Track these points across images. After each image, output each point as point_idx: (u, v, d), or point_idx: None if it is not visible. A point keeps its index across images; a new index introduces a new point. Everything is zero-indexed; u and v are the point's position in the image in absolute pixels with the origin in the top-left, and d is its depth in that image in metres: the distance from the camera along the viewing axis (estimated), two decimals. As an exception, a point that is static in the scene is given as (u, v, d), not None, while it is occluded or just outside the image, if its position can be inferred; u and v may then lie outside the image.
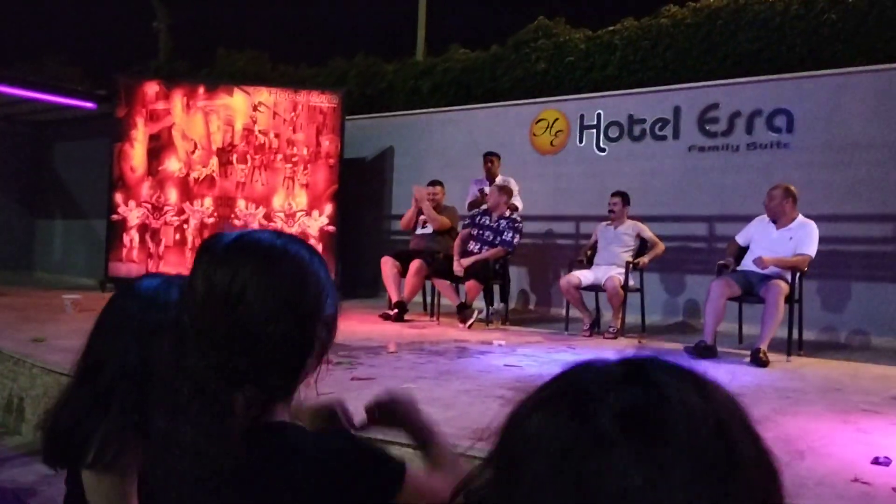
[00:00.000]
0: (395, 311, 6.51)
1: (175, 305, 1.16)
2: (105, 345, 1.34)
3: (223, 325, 0.91)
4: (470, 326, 6.28)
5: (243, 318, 0.91)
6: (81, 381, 1.34)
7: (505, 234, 6.61)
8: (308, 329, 0.96)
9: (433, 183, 7.23)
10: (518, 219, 6.73)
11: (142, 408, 1.20)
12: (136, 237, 8.43)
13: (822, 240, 5.38)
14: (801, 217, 5.42)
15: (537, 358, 4.88)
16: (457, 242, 6.72)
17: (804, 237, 5.29)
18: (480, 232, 6.73)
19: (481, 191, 7.30)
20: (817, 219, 5.47)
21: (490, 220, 6.74)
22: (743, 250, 5.56)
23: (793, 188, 5.44)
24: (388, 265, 6.80)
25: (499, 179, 7.29)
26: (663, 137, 7.30)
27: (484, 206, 6.91)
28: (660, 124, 7.32)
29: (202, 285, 0.93)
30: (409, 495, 0.97)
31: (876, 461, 2.59)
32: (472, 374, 4.20)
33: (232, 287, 0.92)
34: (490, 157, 7.46)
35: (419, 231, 7.16)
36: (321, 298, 0.98)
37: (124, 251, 8.41)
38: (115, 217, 8.44)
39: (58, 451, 1.35)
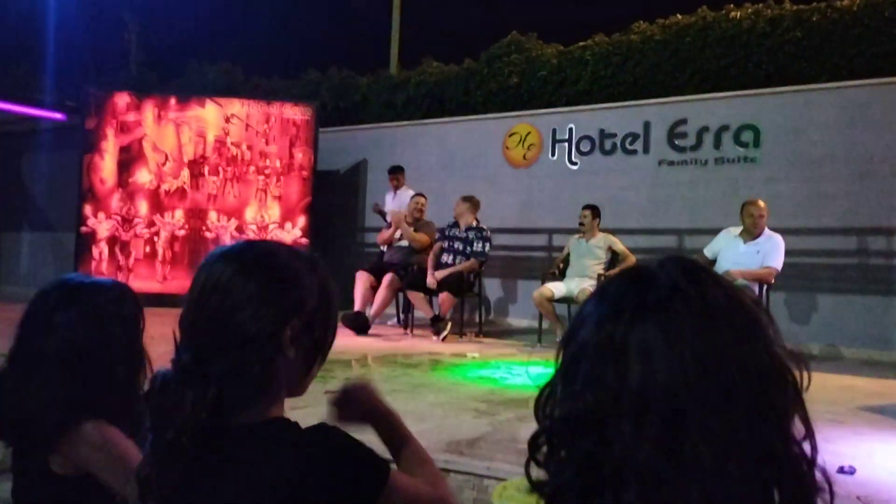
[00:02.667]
0: (355, 318, 6.49)
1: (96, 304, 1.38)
2: (34, 330, 1.42)
3: (196, 316, 0.98)
4: (444, 339, 6.29)
5: (223, 307, 0.97)
6: (14, 361, 1.42)
7: (475, 244, 6.65)
8: (280, 327, 0.98)
9: (417, 195, 7.29)
10: (485, 228, 6.77)
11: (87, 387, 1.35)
12: (106, 249, 8.33)
13: (788, 252, 5.49)
14: (767, 230, 5.54)
15: (510, 370, 4.90)
16: (430, 257, 6.73)
17: (771, 250, 5.41)
18: (451, 243, 6.76)
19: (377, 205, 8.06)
20: (784, 232, 5.59)
21: (458, 231, 6.78)
22: (711, 263, 5.64)
23: (763, 203, 5.59)
24: (361, 279, 6.79)
25: (405, 192, 7.75)
26: (634, 152, 7.41)
27: (453, 220, 6.93)
28: (630, 139, 7.42)
29: (193, 286, 1.01)
30: (392, 495, 0.98)
31: (841, 470, 2.65)
32: (446, 387, 4.21)
33: (209, 279, 0.99)
34: (394, 175, 7.94)
35: (397, 244, 7.16)
36: (293, 297, 1.00)
37: (94, 264, 8.29)
38: (84, 229, 8.33)
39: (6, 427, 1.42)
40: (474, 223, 6.78)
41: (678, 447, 0.64)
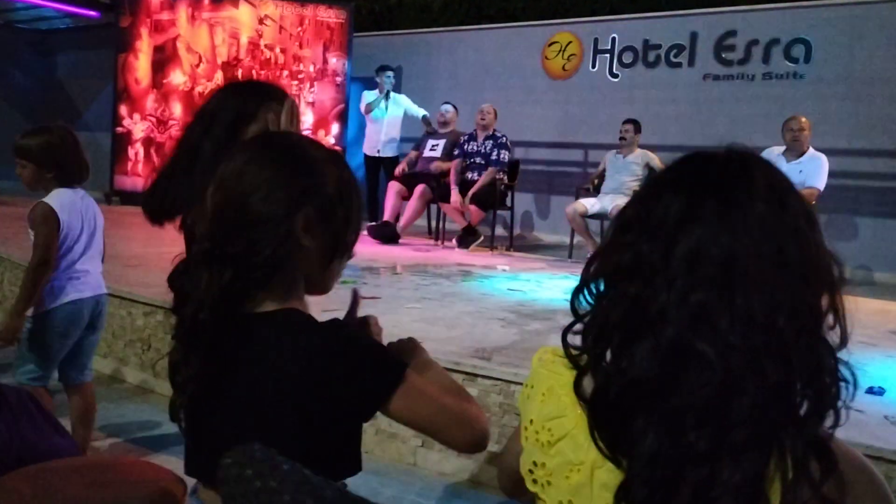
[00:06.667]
0: (377, 224, 6.54)
1: None
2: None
3: (215, 204, 1.00)
4: (471, 250, 6.32)
5: (237, 190, 0.99)
6: (180, 159, 1.83)
7: (492, 154, 6.53)
8: (292, 211, 0.98)
9: (446, 104, 7.21)
10: (501, 135, 6.62)
11: None
12: (142, 151, 8.38)
13: (832, 174, 5.34)
14: (812, 150, 5.38)
15: (540, 283, 4.91)
16: (452, 173, 6.60)
17: (814, 170, 5.26)
18: (471, 160, 6.64)
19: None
20: (829, 152, 5.42)
21: (476, 145, 6.63)
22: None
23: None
24: (392, 189, 6.77)
25: (398, 96, 7.76)
26: (678, 64, 7.15)
27: (469, 133, 6.77)
28: (675, 50, 7.15)
29: (214, 178, 1.02)
30: (409, 395, 0.96)
31: (870, 391, 2.64)
32: (476, 297, 4.24)
33: (226, 168, 1.01)
34: (386, 73, 7.64)
35: (427, 153, 7.09)
36: (307, 182, 1.00)
37: (129, 164, 8.37)
38: (119, 130, 8.37)
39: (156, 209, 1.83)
40: (490, 132, 6.64)
41: (730, 293, 0.69)
